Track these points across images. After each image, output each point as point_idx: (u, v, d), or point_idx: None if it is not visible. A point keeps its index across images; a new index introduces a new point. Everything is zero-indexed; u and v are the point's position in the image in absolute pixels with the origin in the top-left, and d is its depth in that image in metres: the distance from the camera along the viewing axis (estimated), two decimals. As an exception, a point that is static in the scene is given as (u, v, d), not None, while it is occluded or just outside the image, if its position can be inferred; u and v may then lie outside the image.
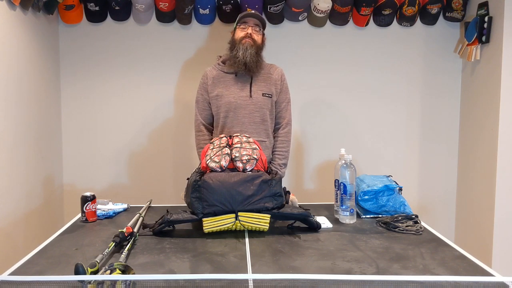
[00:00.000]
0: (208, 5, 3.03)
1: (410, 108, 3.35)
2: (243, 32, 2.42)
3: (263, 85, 2.46)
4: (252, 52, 2.37)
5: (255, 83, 2.45)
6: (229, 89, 2.44)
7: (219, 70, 2.50)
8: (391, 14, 3.17)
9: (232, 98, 2.42)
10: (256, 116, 2.43)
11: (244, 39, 2.39)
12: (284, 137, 2.52)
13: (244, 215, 1.82)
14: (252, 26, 2.43)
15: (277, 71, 2.53)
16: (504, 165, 2.85)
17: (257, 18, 2.45)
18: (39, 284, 1.31)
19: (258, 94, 2.44)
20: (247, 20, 2.43)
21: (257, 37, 2.43)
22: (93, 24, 3.17)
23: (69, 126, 3.24)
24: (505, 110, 2.84)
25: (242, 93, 2.43)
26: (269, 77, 2.49)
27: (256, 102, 2.43)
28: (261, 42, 2.46)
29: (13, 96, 2.50)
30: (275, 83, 2.49)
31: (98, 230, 1.93)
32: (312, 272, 1.48)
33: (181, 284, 1.36)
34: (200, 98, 2.52)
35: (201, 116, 2.53)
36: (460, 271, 1.49)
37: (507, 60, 2.81)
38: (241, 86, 2.44)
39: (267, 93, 2.46)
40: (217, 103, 2.46)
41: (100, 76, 3.22)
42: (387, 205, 2.10)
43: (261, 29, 2.47)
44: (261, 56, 2.45)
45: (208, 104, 2.51)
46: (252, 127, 2.42)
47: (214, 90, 2.47)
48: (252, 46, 2.38)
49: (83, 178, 3.27)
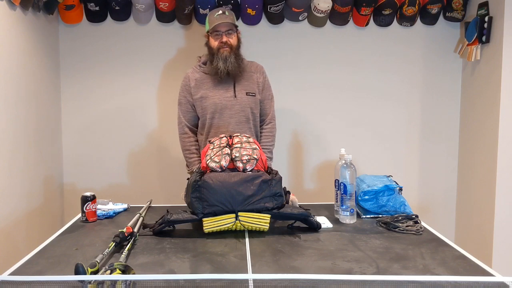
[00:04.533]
0: (208, 5, 3.03)
1: (410, 108, 3.35)
2: (217, 42, 2.40)
3: (246, 84, 2.49)
4: (231, 60, 2.39)
5: (238, 83, 2.47)
6: (213, 90, 2.46)
7: (201, 72, 2.51)
8: (391, 14, 3.17)
9: (217, 99, 2.44)
10: (242, 116, 2.45)
11: (220, 48, 2.39)
12: (268, 132, 2.57)
13: (244, 215, 1.82)
14: (225, 32, 2.40)
15: (258, 69, 2.55)
16: (504, 165, 2.85)
17: (227, 22, 2.39)
18: (39, 284, 1.31)
19: (243, 94, 2.46)
20: (218, 28, 2.39)
21: (233, 40, 2.42)
22: (93, 24, 3.17)
23: (69, 126, 3.24)
24: (505, 110, 2.84)
25: (226, 93, 2.45)
26: (251, 76, 2.51)
27: (241, 102, 2.45)
28: (237, 42, 2.46)
29: (13, 96, 2.50)
30: (257, 81, 2.52)
31: (98, 230, 1.93)
32: (312, 272, 1.48)
33: (181, 284, 1.36)
34: (183, 100, 2.53)
35: (185, 119, 2.53)
36: (460, 271, 1.49)
37: (507, 60, 2.81)
38: (225, 87, 2.46)
39: (251, 92, 2.48)
40: (202, 105, 2.46)
41: (100, 76, 3.22)
42: (387, 205, 2.10)
43: (234, 30, 2.43)
44: (240, 57, 2.46)
45: (191, 106, 2.51)
46: (238, 126, 2.44)
47: (198, 92, 2.47)
48: (231, 53, 2.39)
49: (83, 178, 3.27)
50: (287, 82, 3.28)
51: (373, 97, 3.32)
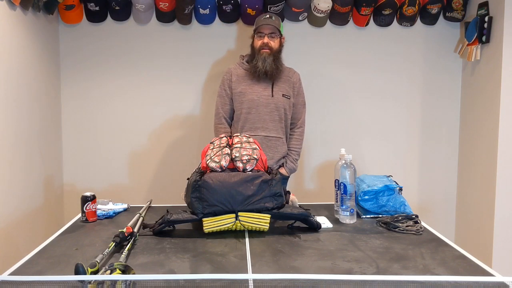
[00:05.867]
0: (208, 5, 3.03)
1: (410, 108, 3.35)
2: (260, 42, 2.56)
3: (283, 87, 2.64)
4: (269, 61, 2.54)
5: (276, 84, 2.62)
6: (252, 87, 2.60)
7: (243, 69, 2.65)
8: (391, 14, 3.17)
9: (255, 96, 2.59)
10: (276, 115, 2.61)
11: (261, 49, 2.55)
12: (298, 135, 2.72)
13: (244, 215, 1.82)
14: (268, 34, 2.56)
15: (295, 76, 2.71)
16: (504, 165, 2.85)
17: (271, 25, 2.55)
18: (39, 284, 1.31)
19: (279, 95, 2.61)
20: (262, 30, 2.56)
21: (274, 44, 2.58)
22: (93, 24, 3.17)
23: (69, 126, 3.24)
24: (505, 110, 2.84)
25: (264, 92, 2.60)
26: (288, 80, 2.67)
27: (277, 102, 2.60)
28: (279, 46, 2.60)
29: (13, 96, 2.50)
30: (293, 86, 2.68)
31: (98, 230, 1.93)
32: (312, 272, 1.48)
33: (181, 284, 1.36)
34: (223, 93, 2.67)
35: (223, 110, 2.67)
36: (460, 271, 1.49)
37: (507, 60, 2.81)
38: (264, 86, 2.61)
39: (287, 94, 2.64)
40: (240, 99, 2.61)
41: (100, 76, 3.22)
42: (387, 205, 2.10)
43: (277, 34, 2.58)
44: (279, 60, 2.61)
45: (230, 100, 2.65)
46: (272, 124, 2.60)
47: (238, 87, 2.61)
48: (270, 55, 2.55)
49: (83, 178, 3.27)
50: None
51: (373, 97, 3.32)
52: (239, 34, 3.17)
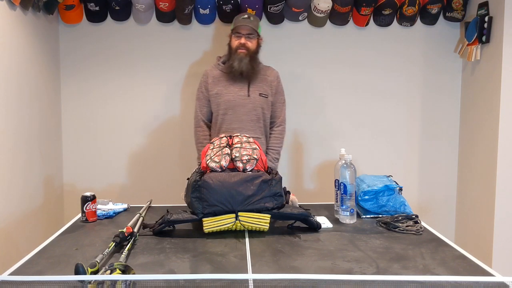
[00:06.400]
0: (208, 5, 3.03)
1: (410, 108, 3.35)
2: (237, 42, 2.54)
3: (260, 86, 2.61)
4: (246, 61, 2.52)
5: (253, 83, 2.59)
6: (228, 88, 2.58)
7: (219, 70, 2.63)
8: (391, 14, 3.17)
9: (231, 96, 2.56)
10: (253, 115, 2.58)
11: (238, 49, 2.53)
12: (278, 134, 2.67)
13: (244, 215, 1.82)
14: (245, 35, 2.54)
15: (273, 74, 2.68)
16: (504, 165, 2.85)
17: (249, 26, 2.53)
18: (39, 284, 1.31)
19: (256, 94, 2.58)
20: (239, 30, 2.54)
21: (251, 45, 2.56)
22: (93, 24, 3.17)
23: (69, 126, 3.24)
24: (505, 110, 2.84)
25: (240, 92, 2.57)
26: (265, 79, 2.63)
27: (253, 101, 2.57)
28: (256, 46, 2.59)
29: (13, 96, 2.50)
30: (270, 84, 2.64)
31: (98, 230, 1.93)
32: (312, 272, 1.48)
33: (181, 284, 1.36)
34: (200, 96, 2.66)
35: (201, 113, 2.66)
36: (460, 271, 1.49)
37: (507, 60, 2.81)
38: (240, 86, 2.58)
39: (264, 93, 2.61)
40: (216, 101, 2.59)
41: (100, 76, 3.22)
42: (387, 205, 2.10)
43: (254, 35, 2.56)
44: (256, 60, 2.60)
45: (208, 102, 2.64)
46: (250, 124, 2.57)
47: (214, 89, 2.60)
48: (246, 55, 2.52)
49: (83, 178, 3.27)
50: (286, 82, 3.27)
51: (373, 97, 3.32)
52: (239, 34, 3.16)
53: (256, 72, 2.58)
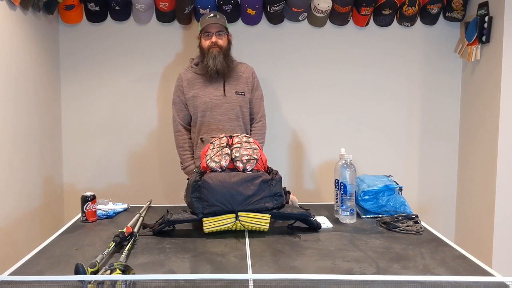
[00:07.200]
0: (208, 5, 3.03)
1: (410, 108, 3.35)
2: (208, 41, 2.53)
3: (236, 84, 2.60)
4: (220, 59, 2.51)
5: (228, 82, 2.59)
6: (204, 89, 2.58)
7: (193, 72, 2.63)
8: (391, 14, 3.17)
9: (207, 98, 2.56)
10: (231, 114, 2.57)
11: (210, 48, 2.52)
12: (258, 130, 2.67)
13: (244, 215, 1.82)
14: (215, 33, 2.53)
15: (248, 70, 2.67)
16: (504, 165, 2.85)
17: (218, 23, 2.54)
18: (39, 284, 1.31)
19: (232, 93, 2.58)
20: (208, 29, 2.53)
21: (222, 42, 2.55)
22: (93, 24, 3.17)
23: (69, 126, 3.24)
24: (505, 110, 2.84)
25: (216, 92, 2.57)
26: (240, 76, 2.63)
27: (230, 101, 2.57)
28: (227, 43, 2.58)
29: (13, 96, 2.50)
30: (246, 81, 2.63)
31: (98, 230, 1.93)
32: (312, 272, 1.48)
33: (181, 284, 1.36)
34: (177, 100, 2.65)
35: (179, 117, 2.66)
36: (460, 271, 1.49)
37: (507, 60, 2.81)
38: (215, 86, 2.58)
39: (240, 91, 2.60)
40: (193, 104, 2.59)
41: (100, 76, 3.22)
42: (387, 205, 2.10)
43: (224, 32, 2.57)
44: (230, 57, 2.59)
45: (184, 105, 2.64)
46: (228, 124, 2.56)
47: (190, 92, 2.60)
48: (220, 53, 2.52)
49: (83, 178, 3.27)
50: (287, 82, 3.28)
51: (373, 97, 3.32)
52: (239, 34, 3.16)
53: (231, 69, 2.57)
